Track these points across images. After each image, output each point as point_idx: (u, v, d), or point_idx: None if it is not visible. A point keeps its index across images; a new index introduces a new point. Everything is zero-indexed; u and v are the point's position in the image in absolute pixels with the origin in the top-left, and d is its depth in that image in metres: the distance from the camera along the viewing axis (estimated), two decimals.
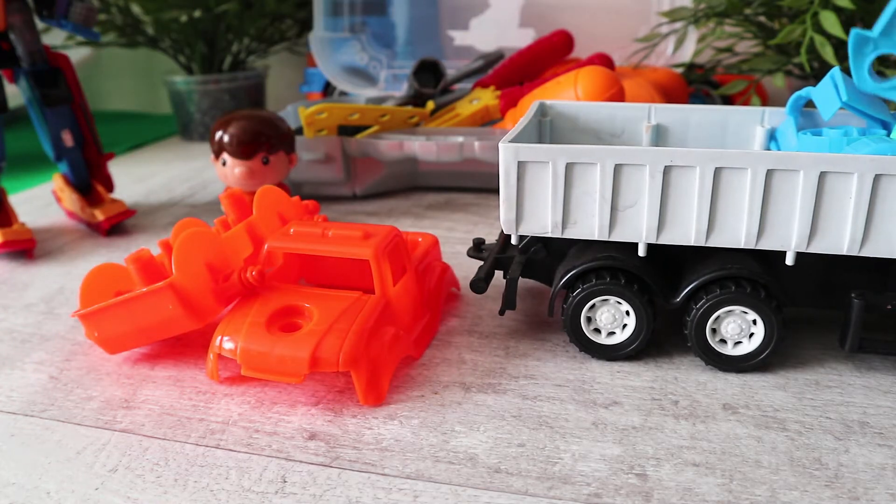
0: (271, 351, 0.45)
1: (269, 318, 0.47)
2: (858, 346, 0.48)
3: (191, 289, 0.48)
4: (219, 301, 0.49)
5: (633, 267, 0.49)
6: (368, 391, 0.46)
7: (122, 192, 0.95)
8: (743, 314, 0.48)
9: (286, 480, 0.40)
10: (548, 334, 0.54)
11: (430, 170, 0.92)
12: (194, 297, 0.48)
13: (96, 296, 0.53)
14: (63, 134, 0.78)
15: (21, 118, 1.17)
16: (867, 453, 0.41)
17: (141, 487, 0.40)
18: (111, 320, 0.50)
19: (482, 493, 0.39)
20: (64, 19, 0.75)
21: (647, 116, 0.61)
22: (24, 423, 0.46)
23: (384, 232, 0.51)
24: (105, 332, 0.51)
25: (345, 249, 0.49)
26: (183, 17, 1.22)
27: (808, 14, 0.75)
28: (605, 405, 0.46)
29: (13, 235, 0.72)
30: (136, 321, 0.49)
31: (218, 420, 0.45)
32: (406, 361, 0.51)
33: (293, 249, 0.51)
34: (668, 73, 0.96)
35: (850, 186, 0.44)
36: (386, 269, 0.49)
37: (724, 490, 0.38)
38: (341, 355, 0.45)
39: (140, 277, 0.50)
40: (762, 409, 0.45)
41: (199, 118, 1.28)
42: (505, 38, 1.12)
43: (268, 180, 0.71)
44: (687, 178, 0.46)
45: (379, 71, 1.13)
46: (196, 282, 0.48)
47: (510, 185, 0.48)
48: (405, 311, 0.51)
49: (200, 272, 0.49)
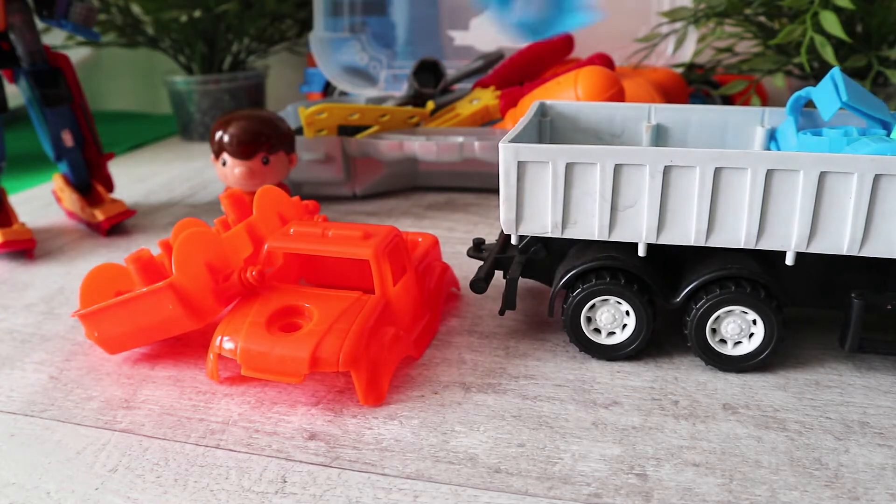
0: (271, 351, 0.45)
1: (269, 318, 0.47)
2: (858, 346, 0.48)
3: (191, 289, 0.48)
4: (219, 301, 0.49)
5: (633, 267, 0.49)
6: (368, 391, 0.46)
7: (122, 192, 0.95)
8: (743, 314, 0.48)
9: (286, 480, 0.40)
10: (548, 334, 0.54)
11: (430, 170, 0.92)
12: (194, 297, 0.48)
13: (96, 296, 0.53)
14: (63, 134, 0.78)
15: (21, 118, 1.17)
16: (867, 453, 0.41)
17: (141, 487, 0.40)
18: (111, 320, 0.50)
19: (482, 493, 0.39)
20: (64, 19, 0.75)
21: (647, 116, 0.61)
22: (24, 423, 0.46)
23: (384, 232, 0.51)
24: (105, 332, 0.51)
25: (345, 249, 0.49)
26: (183, 17, 1.22)
27: (808, 14, 0.75)
28: (605, 405, 0.46)
29: (13, 235, 0.72)
30: (135, 321, 0.49)
31: (218, 420, 0.45)
32: (406, 361, 0.51)
33: (293, 249, 0.51)
34: (668, 73, 0.96)
35: (849, 186, 0.44)
36: (386, 269, 0.49)
37: (724, 490, 0.38)
38: (341, 355, 0.45)
39: (140, 277, 0.50)
40: (762, 409, 0.45)
41: (199, 118, 1.28)
42: (505, 39, 1.12)
43: (268, 180, 0.71)
44: (687, 178, 0.46)
45: (379, 71, 1.13)
46: (196, 282, 0.48)
47: (510, 185, 0.48)
48: (405, 311, 0.51)
49: (200, 272, 0.49)
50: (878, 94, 0.84)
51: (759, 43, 0.93)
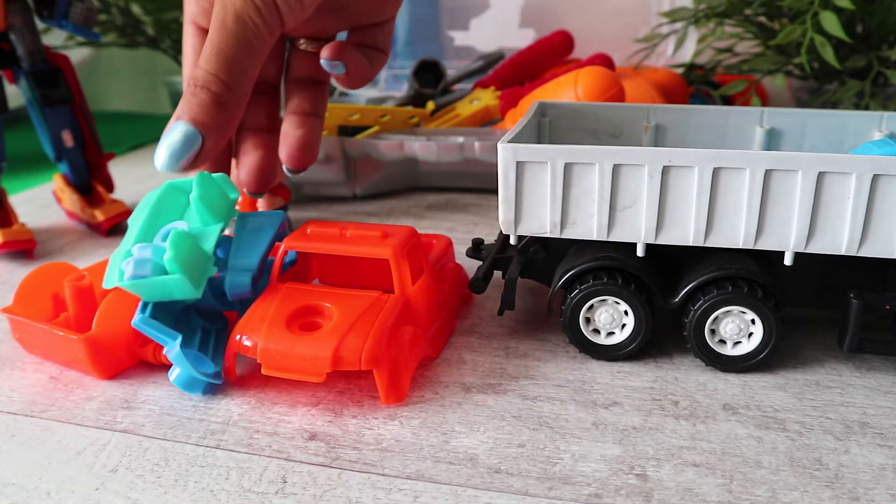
0: (292, 350, 0.45)
1: (289, 317, 0.47)
2: (857, 346, 0.48)
3: (104, 345, 0.49)
4: (131, 358, 0.51)
5: (631, 267, 0.49)
6: (390, 390, 0.46)
7: (123, 192, 0.95)
8: (741, 314, 0.48)
9: (286, 481, 0.40)
10: (548, 334, 0.54)
11: (431, 170, 0.92)
12: (106, 352, 0.49)
13: (31, 296, 0.54)
14: (63, 134, 0.78)
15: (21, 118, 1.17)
16: (867, 454, 0.41)
17: (141, 488, 0.40)
18: (31, 334, 0.52)
19: (482, 493, 0.39)
20: (64, 20, 0.75)
21: (647, 117, 0.61)
22: (24, 423, 0.46)
23: (403, 232, 0.51)
24: (25, 342, 0.53)
25: (364, 249, 0.49)
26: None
27: (809, 14, 0.75)
28: (605, 405, 0.46)
29: (13, 235, 0.72)
30: (50, 348, 0.52)
31: (218, 420, 0.45)
32: (423, 361, 0.51)
33: (312, 249, 0.51)
34: (669, 73, 0.96)
35: (848, 187, 0.44)
36: (405, 269, 0.49)
37: (724, 490, 0.38)
38: (363, 354, 0.45)
39: (73, 302, 0.52)
40: (762, 410, 0.45)
41: None
42: (505, 39, 1.12)
43: None
44: (685, 178, 0.46)
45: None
46: (112, 339, 0.49)
47: (509, 185, 0.48)
48: (423, 311, 0.51)
49: (124, 329, 0.49)
50: (878, 95, 0.84)
51: (759, 43, 0.93)
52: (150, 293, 0.46)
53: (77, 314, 0.52)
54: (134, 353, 0.51)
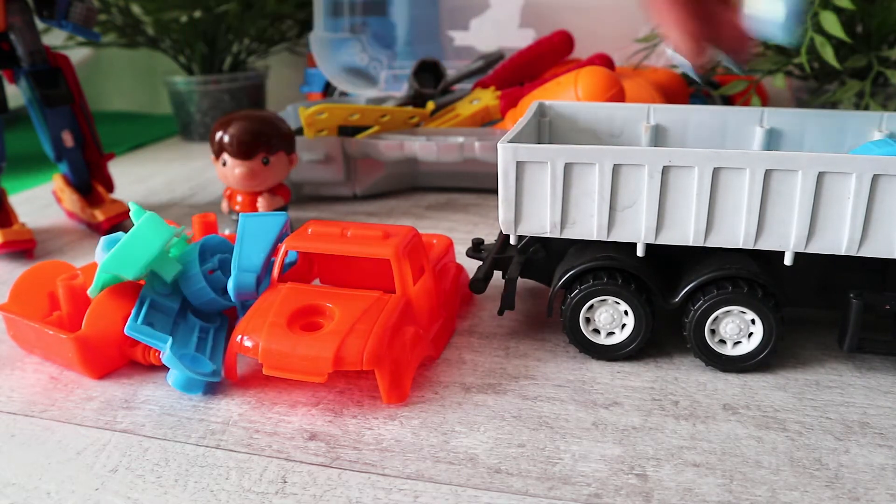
0: (293, 350, 0.45)
1: (290, 317, 0.47)
2: (857, 346, 0.48)
3: (95, 345, 0.49)
4: (122, 358, 0.51)
5: (631, 267, 0.49)
6: (392, 390, 0.46)
7: (123, 192, 0.95)
8: (741, 314, 0.48)
9: (286, 481, 0.40)
10: (548, 334, 0.54)
11: (430, 170, 0.92)
12: (97, 352, 0.49)
13: (28, 293, 0.54)
14: (63, 134, 0.78)
15: (21, 118, 1.17)
16: (867, 454, 0.41)
17: (141, 488, 0.40)
18: (24, 332, 0.52)
19: (482, 493, 0.39)
20: (64, 20, 0.75)
21: (647, 117, 0.61)
22: (24, 423, 0.46)
23: (404, 232, 0.51)
24: (19, 339, 0.54)
25: (365, 249, 0.49)
26: (183, 18, 1.22)
27: (808, 14, 0.75)
28: (605, 405, 0.46)
29: (13, 235, 0.72)
30: (41, 346, 0.52)
31: (218, 420, 0.45)
32: (423, 361, 0.51)
33: (313, 249, 0.51)
34: (669, 73, 0.96)
35: (848, 187, 0.44)
36: (406, 269, 0.49)
37: (724, 490, 0.38)
38: (365, 354, 0.45)
39: (66, 300, 0.52)
40: (762, 410, 0.45)
41: (200, 118, 1.28)
42: (505, 39, 1.12)
43: (268, 181, 0.71)
44: (685, 178, 0.46)
45: (379, 71, 1.13)
46: (103, 338, 0.49)
47: (509, 185, 0.48)
48: (424, 311, 0.50)
49: (114, 328, 0.49)
50: (878, 95, 0.84)
51: (759, 43, 0.92)
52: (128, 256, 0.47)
53: (70, 313, 0.52)
54: (124, 352, 0.51)
